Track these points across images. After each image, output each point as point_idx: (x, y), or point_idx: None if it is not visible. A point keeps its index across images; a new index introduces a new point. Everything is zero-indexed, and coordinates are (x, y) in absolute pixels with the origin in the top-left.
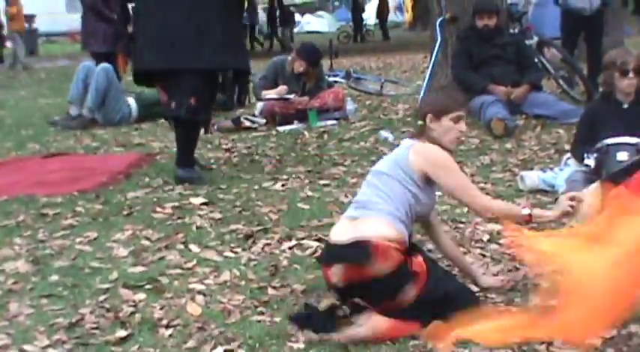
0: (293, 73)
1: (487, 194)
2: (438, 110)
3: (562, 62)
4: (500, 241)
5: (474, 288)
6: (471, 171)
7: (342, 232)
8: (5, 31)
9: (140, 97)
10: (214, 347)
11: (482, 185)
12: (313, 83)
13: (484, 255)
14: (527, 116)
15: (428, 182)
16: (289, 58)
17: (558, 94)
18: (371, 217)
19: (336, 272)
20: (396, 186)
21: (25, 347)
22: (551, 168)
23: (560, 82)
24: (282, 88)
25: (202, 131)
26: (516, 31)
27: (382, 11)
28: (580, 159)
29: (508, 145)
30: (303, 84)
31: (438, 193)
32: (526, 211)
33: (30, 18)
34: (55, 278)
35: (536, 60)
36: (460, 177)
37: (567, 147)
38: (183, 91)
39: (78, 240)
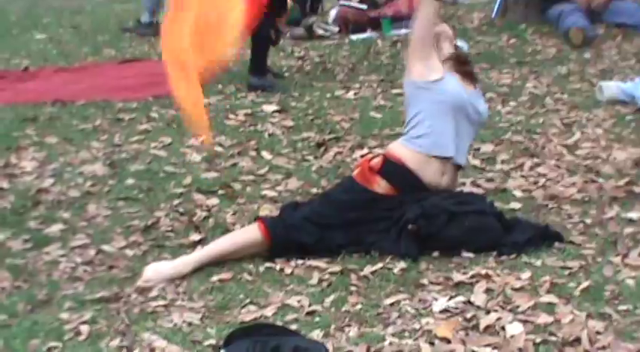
0: None
1: (564, 104)
2: None
3: None
4: (577, 152)
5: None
6: (547, 82)
7: None
8: None
9: None
10: None
11: (558, 95)
12: None
13: (559, 166)
14: (607, 25)
15: (433, 76)
16: None
17: None
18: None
19: None
20: (409, 107)
21: (104, 247)
22: (632, 79)
23: None
24: None
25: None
26: None
27: None
28: None
29: (587, 55)
30: None
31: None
32: None
33: None
34: (130, 181)
35: None
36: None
37: None
38: None
39: (153, 144)
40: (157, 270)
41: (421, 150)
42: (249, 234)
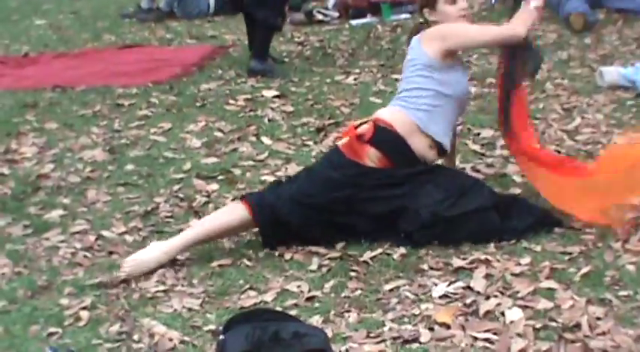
0: None
1: (564, 90)
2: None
3: None
4: (576, 138)
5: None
6: (548, 67)
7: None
8: None
9: None
10: None
11: (558, 80)
12: None
13: (559, 152)
14: (608, 10)
15: (449, 62)
16: None
17: None
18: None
19: None
20: (414, 79)
21: (103, 232)
22: (632, 64)
23: None
24: None
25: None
26: None
27: None
28: None
29: (587, 40)
30: None
31: None
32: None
33: None
34: (130, 167)
35: None
36: (474, 29)
37: None
38: None
39: (152, 130)
40: (137, 263)
41: (416, 121)
42: (234, 216)
